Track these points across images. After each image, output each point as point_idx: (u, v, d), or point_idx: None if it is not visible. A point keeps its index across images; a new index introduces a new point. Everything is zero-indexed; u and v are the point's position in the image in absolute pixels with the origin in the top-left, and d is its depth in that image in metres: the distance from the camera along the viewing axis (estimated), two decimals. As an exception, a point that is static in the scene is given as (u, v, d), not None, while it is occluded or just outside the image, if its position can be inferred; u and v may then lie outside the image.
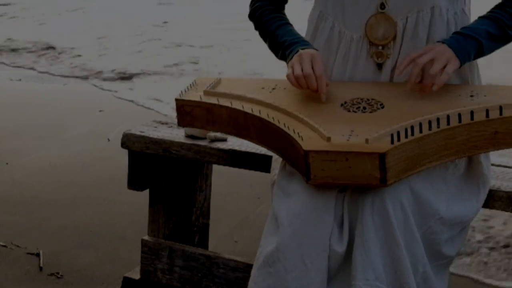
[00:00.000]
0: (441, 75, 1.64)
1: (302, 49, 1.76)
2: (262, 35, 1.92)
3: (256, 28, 1.94)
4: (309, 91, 1.72)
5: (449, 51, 1.66)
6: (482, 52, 1.72)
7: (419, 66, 1.65)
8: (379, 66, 1.78)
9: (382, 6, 1.75)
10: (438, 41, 1.71)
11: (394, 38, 1.75)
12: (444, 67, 1.64)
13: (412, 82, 1.67)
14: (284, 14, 1.94)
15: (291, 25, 1.90)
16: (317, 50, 1.77)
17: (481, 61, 1.86)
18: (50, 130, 4.83)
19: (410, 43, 1.74)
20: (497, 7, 1.76)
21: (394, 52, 1.76)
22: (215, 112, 1.81)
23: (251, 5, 1.96)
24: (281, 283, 1.55)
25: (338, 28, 1.81)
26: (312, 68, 1.70)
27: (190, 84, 1.95)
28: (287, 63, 1.79)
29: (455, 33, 1.72)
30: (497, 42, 1.73)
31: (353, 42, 1.79)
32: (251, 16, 1.96)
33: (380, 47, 1.76)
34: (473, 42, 1.69)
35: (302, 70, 1.70)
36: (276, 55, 1.88)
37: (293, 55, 1.76)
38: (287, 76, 1.73)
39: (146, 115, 4.71)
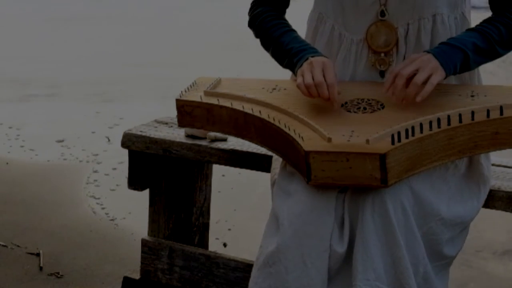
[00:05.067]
0: (425, 86, 1.60)
1: (312, 56, 1.72)
2: (264, 43, 1.88)
3: (257, 36, 1.90)
4: (320, 99, 1.68)
5: (434, 61, 1.62)
6: (468, 64, 1.68)
7: (404, 77, 1.61)
8: (382, 74, 1.77)
9: (382, 13, 1.74)
10: (424, 51, 1.69)
11: (396, 45, 1.75)
12: (429, 77, 1.61)
13: (397, 94, 1.63)
14: (286, 20, 1.90)
15: (295, 31, 1.86)
16: (327, 57, 1.73)
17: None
18: None
19: (414, 51, 1.73)
20: (486, 21, 1.72)
21: (397, 59, 1.75)
22: (215, 112, 1.80)
23: (251, 12, 1.93)
24: (282, 283, 1.55)
25: (338, 30, 1.80)
26: (324, 76, 1.66)
27: (191, 85, 1.95)
28: (295, 71, 1.75)
29: (441, 43, 1.68)
30: (484, 56, 1.69)
31: (353, 44, 1.78)
32: (251, 24, 1.92)
33: (382, 54, 1.76)
34: (459, 53, 1.65)
35: (313, 79, 1.66)
36: (281, 63, 1.83)
37: (303, 63, 1.72)
38: (298, 85, 1.68)
39: None
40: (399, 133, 1.50)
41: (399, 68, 1.63)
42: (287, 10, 1.95)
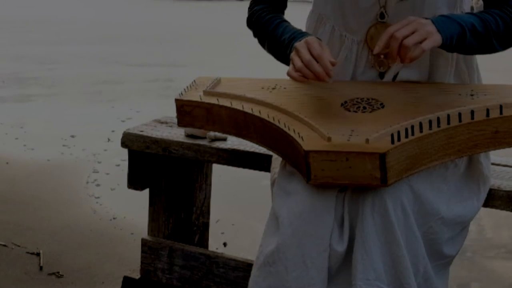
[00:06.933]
0: (415, 49, 1.55)
1: (298, 42, 1.70)
2: (261, 39, 1.88)
3: (255, 35, 1.91)
4: (317, 80, 1.65)
5: (431, 25, 1.58)
6: (464, 43, 1.64)
7: (399, 40, 1.57)
8: (381, 75, 1.77)
9: (382, 16, 1.74)
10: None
11: None
12: (422, 41, 1.56)
13: (394, 58, 1.59)
14: (280, 14, 1.90)
15: (287, 22, 1.85)
16: (312, 35, 1.72)
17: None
18: None
19: None
20: (485, 11, 1.71)
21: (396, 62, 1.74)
22: (215, 112, 1.80)
23: (248, 11, 1.93)
24: (282, 283, 1.55)
25: (338, 32, 1.80)
26: (311, 53, 1.64)
27: (190, 84, 1.95)
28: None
29: (441, 15, 1.65)
30: (479, 42, 1.66)
31: (354, 44, 1.78)
32: (249, 23, 1.92)
33: (382, 56, 1.75)
34: (458, 26, 1.62)
35: (302, 62, 1.65)
36: (277, 57, 1.84)
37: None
38: (288, 73, 1.68)
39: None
40: (398, 133, 1.49)
41: (394, 29, 1.59)
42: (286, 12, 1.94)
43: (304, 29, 1.89)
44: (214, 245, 2.96)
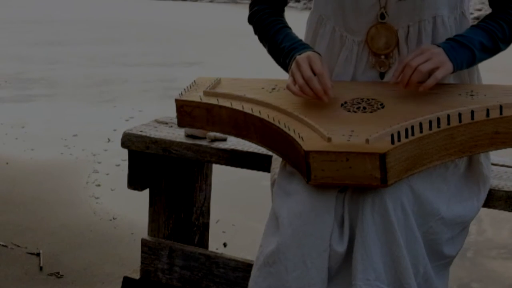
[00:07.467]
0: (429, 78, 1.62)
1: (299, 54, 1.72)
2: (261, 39, 1.89)
3: (256, 32, 1.91)
4: (315, 99, 1.68)
5: (444, 55, 1.64)
6: (474, 62, 1.70)
7: (413, 68, 1.63)
8: (382, 76, 1.77)
9: (382, 16, 1.74)
10: (434, 44, 1.69)
11: (397, 47, 1.74)
12: (435, 69, 1.62)
13: (405, 84, 1.65)
14: (283, 17, 1.90)
15: (289, 28, 1.86)
16: (314, 51, 1.73)
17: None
18: None
19: None
20: (489, 18, 1.73)
21: (397, 61, 1.74)
22: (215, 112, 1.80)
23: (250, 8, 1.93)
24: (282, 283, 1.55)
25: (339, 32, 1.80)
26: (312, 69, 1.67)
27: (190, 84, 1.95)
28: (288, 71, 1.76)
29: (450, 39, 1.69)
30: (487, 54, 1.71)
31: (354, 45, 1.78)
32: (250, 20, 1.93)
33: (382, 57, 1.75)
34: (467, 51, 1.67)
35: (303, 77, 1.67)
36: (276, 62, 1.84)
37: (292, 63, 1.72)
38: (287, 86, 1.69)
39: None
40: (398, 133, 1.49)
41: (408, 59, 1.64)
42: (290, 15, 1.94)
43: (304, 30, 1.90)
44: (214, 245, 2.96)
